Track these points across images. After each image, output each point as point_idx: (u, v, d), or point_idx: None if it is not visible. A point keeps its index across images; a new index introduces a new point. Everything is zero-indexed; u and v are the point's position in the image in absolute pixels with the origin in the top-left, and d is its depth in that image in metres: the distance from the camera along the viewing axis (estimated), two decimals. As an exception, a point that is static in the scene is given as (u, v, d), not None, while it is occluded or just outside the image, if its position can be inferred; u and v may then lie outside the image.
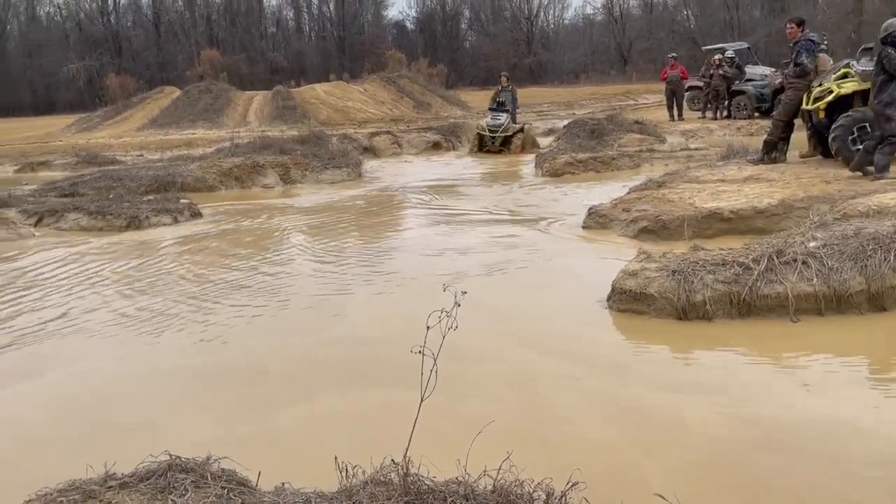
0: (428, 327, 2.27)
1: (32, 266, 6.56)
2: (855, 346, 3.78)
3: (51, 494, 2.28)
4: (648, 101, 26.37)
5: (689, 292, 4.25)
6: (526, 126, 16.20)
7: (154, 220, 8.45)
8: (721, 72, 16.57)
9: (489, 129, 15.04)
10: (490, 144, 14.93)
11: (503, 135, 14.83)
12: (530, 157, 13.43)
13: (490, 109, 15.72)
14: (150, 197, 9.76)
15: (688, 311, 4.24)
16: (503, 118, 14.97)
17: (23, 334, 4.59)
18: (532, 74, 52.11)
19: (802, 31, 8.19)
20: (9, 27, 53.76)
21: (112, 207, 8.75)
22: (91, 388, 3.75)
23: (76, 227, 8.38)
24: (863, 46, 8.30)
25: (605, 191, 8.76)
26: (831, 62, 9.36)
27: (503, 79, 16.22)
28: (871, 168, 6.85)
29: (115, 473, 2.37)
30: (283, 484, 2.33)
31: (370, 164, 14.17)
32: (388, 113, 28.85)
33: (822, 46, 8.95)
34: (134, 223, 8.31)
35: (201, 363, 4.01)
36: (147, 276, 6.02)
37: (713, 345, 3.89)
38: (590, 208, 7.08)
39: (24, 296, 5.50)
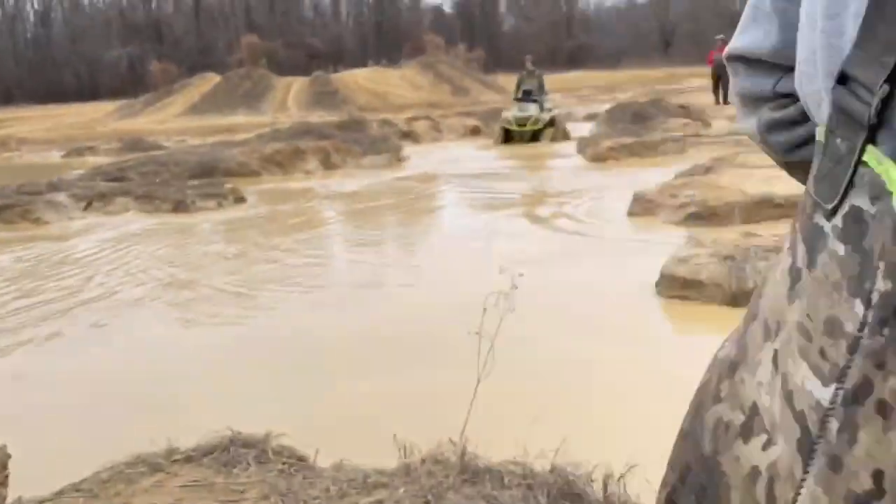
0: (485, 309, 2.28)
1: (84, 248, 6.73)
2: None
3: (118, 466, 2.34)
4: (693, 86, 25.88)
5: (741, 279, 4.18)
6: (557, 113, 14.90)
7: (200, 204, 8.59)
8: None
9: (516, 123, 13.73)
10: (518, 138, 13.72)
11: (532, 128, 13.64)
12: (565, 144, 13.15)
13: (515, 100, 14.47)
14: (195, 181, 9.92)
15: (739, 299, 4.17)
16: (531, 109, 13.75)
17: (75, 311, 4.71)
18: (572, 58, 51.55)
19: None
20: (53, 14, 54.95)
21: (158, 192, 8.93)
22: (149, 363, 3.85)
23: (124, 211, 8.56)
24: None
25: (651, 176, 8.65)
26: None
27: (528, 63, 14.79)
28: None
29: (178, 447, 2.43)
30: (341, 460, 2.36)
31: (410, 150, 14.19)
32: (427, 98, 28.81)
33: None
34: (180, 207, 8.46)
35: (255, 339, 4.10)
36: (195, 257, 6.15)
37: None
38: (635, 193, 6.99)
39: (77, 274, 5.65)
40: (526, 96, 14.03)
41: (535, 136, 13.65)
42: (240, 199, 9.04)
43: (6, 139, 20.61)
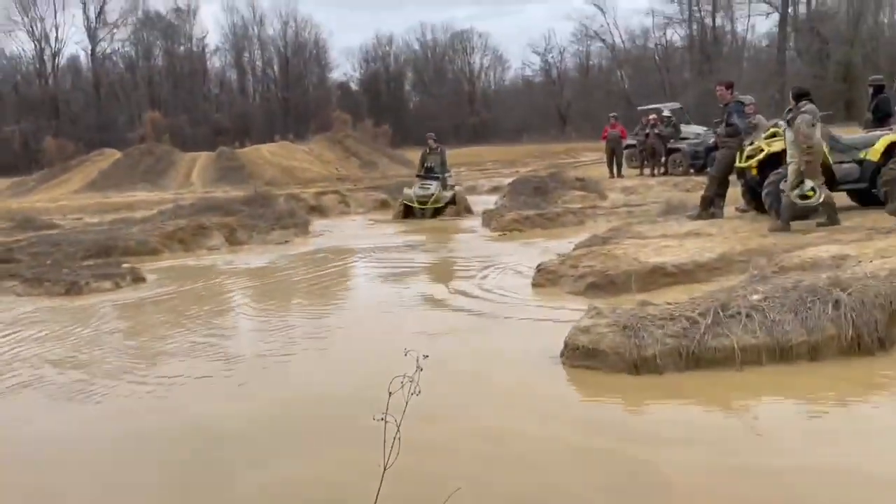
0: (390, 393, 2.25)
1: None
2: (800, 392, 3.90)
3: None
4: (588, 159, 27.19)
5: (640, 347, 4.33)
6: (458, 190, 15.16)
7: (94, 286, 8.18)
8: (657, 131, 17.26)
9: (418, 201, 13.93)
10: (419, 216, 13.87)
11: (433, 206, 13.87)
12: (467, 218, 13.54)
13: (417, 176, 14.71)
14: (91, 262, 9.49)
15: (639, 366, 4.31)
16: (433, 187, 13.95)
17: None
18: (476, 133, 53.25)
19: (732, 93, 8.67)
20: (-59, 89, 52.39)
21: (50, 273, 8.47)
22: (28, 458, 3.56)
23: (11, 294, 8.06)
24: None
25: (552, 247, 8.93)
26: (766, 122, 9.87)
27: (430, 140, 14.88)
28: None
29: None
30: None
31: (318, 224, 14.14)
32: (335, 172, 28.97)
33: (751, 106, 9.47)
34: (73, 289, 8.03)
35: (146, 428, 3.87)
36: (86, 341, 5.81)
37: (668, 397, 3.95)
38: (538, 265, 7.19)
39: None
40: (428, 173, 14.25)
41: (435, 214, 13.87)
42: (139, 279, 8.68)
43: None
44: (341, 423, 3.77)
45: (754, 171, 8.27)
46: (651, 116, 17.88)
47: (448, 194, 14.10)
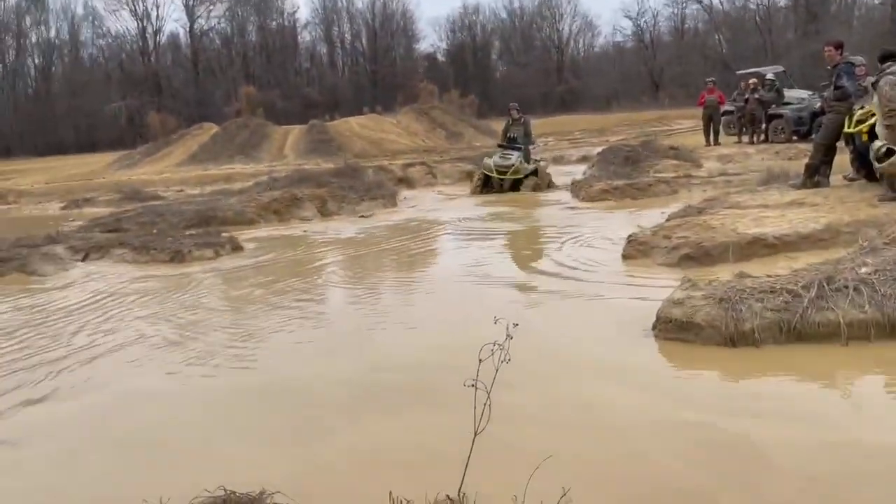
0: (480, 360, 2.26)
1: (79, 299, 6.71)
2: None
3: (109, 530, 2.31)
4: (683, 126, 26.21)
5: (738, 321, 4.17)
6: (542, 164, 14.28)
7: (196, 254, 8.60)
8: (757, 95, 16.44)
9: (497, 170, 13.19)
10: (497, 187, 13.22)
11: (513, 177, 13.09)
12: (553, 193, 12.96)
13: (499, 146, 13.97)
14: (193, 231, 9.94)
15: (736, 340, 4.16)
16: (514, 157, 13.14)
17: (65, 362, 4.67)
18: (563, 102, 52.29)
19: (841, 53, 8.12)
20: (53, 69, 55.72)
21: (155, 242, 8.94)
22: (137, 415, 3.80)
23: (121, 262, 8.57)
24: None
25: (644, 218, 8.70)
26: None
27: (513, 111, 14.12)
28: None
29: (170, 508, 2.40)
30: (338, 519, 2.33)
31: (406, 195, 14.29)
32: (422, 144, 29.13)
33: (860, 71, 8.85)
34: (177, 257, 8.47)
35: (247, 390, 4.06)
36: (190, 306, 6.13)
37: (765, 371, 3.81)
38: (629, 236, 7.02)
39: (68, 325, 5.62)
40: (511, 143, 13.56)
41: (515, 186, 13.13)
42: (237, 248, 9.06)
43: (5, 192, 20.73)
44: (432, 388, 3.83)
45: (864, 137, 7.74)
46: (751, 81, 17.02)
47: (530, 167, 13.39)
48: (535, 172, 13.37)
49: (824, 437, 2.97)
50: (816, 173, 8.12)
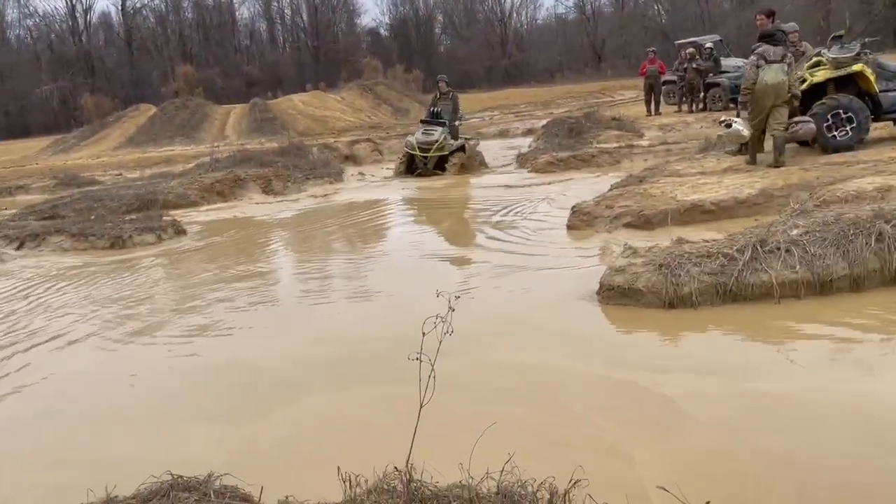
0: (424, 333, 2.28)
1: (15, 289, 6.50)
2: (836, 322, 3.85)
3: (53, 521, 2.27)
4: (624, 97, 26.55)
5: (677, 285, 4.30)
6: (471, 142, 13.08)
7: (137, 240, 8.39)
8: (694, 65, 16.73)
9: (419, 147, 12.09)
10: (421, 166, 12.12)
11: (437, 154, 12.01)
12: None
13: (421, 122, 12.86)
14: (133, 216, 9.69)
15: (675, 304, 4.29)
16: (437, 133, 12.03)
17: (8, 351, 4.54)
18: (508, 76, 52.36)
19: (773, 22, 8.31)
20: (-22, 51, 53.20)
21: (94, 228, 8.69)
22: (81, 400, 3.73)
23: (59, 250, 8.31)
24: (832, 34, 8.43)
25: (587, 188, 8.83)
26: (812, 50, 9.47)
27: (441, 84, 13.06)
28: None
29: (116, 496, 2.37)
30: (287, 497, 2.34)
31: (351, 172, 14.17)
32: (367, 120, 28.85)
33: (793, 38, 9.07)
34: (118, 243, 8.25)
35: (189, 368, 4.03)
36: (132, 292, 5.99)
37: (701, 329, 3.95)
38: (573, 207, 7.12)
39: (7, 314, 5.45)
40: (434, 119, 12.52)
41: (440, 164, 12.14)
42: (180, 232, 8.86)
43: (-70, 182, 19.79)
44: (376, 362, 3.85)
45: (796, 103, 7.99)
46: (689, 50, 17.31)
47: (456, 143, 12.33)
48: (462, 149, 12.39)
49: (739, 387, 3.14)
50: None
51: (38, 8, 54.58)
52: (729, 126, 8.05)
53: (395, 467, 2.27)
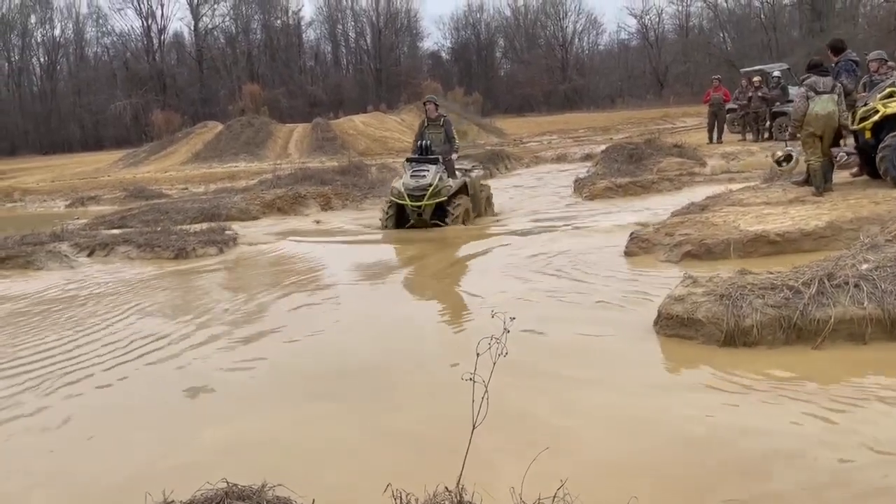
0: (478, 354, 2.28)
1: (82, 296, 6.75)
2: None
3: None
4: (686, 124, 26.16)
5: (738, 317, 4.18)
6: (472, 174, 10.24)
7: (200, 252, 8.64)
8: (760, 93, 16.41)
9: (409, 196, 9.18)
10: (414, 218, 9.25)
11: (433, 201, 9.15)
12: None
13: (408, 160, 9.83)
14: (197, 228, 9.99)
15: (736, 337, 4.18)
16: (430, 174, 9.19)
17: (69, 361, 4.71)
18: (568, 100, 52.24)
19: (836, 54, 8.19)
20: (59, 67, 55.85)
21: (160, 240, 8.99)
22: (139, 406, 3.84)
23: (125, 259, 8.61)
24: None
25: (646, 216, 8.70)
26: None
27: (429, 105, 10.09)
28: None
29: (173, 501, 2.42)
30: (338, 512, 2.35)
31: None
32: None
33: (872, 66, 8.82)
34: (181, 254, 8.51)
35: (253, 379, 4.12)
36: (193, 301, 6.16)
37: (762, 370, 3.82)
38: (632, 234, 7.03)
39: (75, 323, 5.66)
40: (424, 154, 9.60)
41: (437, 213, 9.29)
42: (240, 245, 9.10)
43: (10, 190, 20.81)
44: (431, 380, 3.86)
45: (868, 135, 7.75)
46: (755, 78, 16.99)
47: (453, 182, 9.44)
48: (464, 189, 9.70)
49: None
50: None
51: (115, 27, 56.88)
52: (789, 159, 8.15)
53: (446, 487, 2.26)
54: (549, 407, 3.46)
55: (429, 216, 9.21)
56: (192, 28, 56.09)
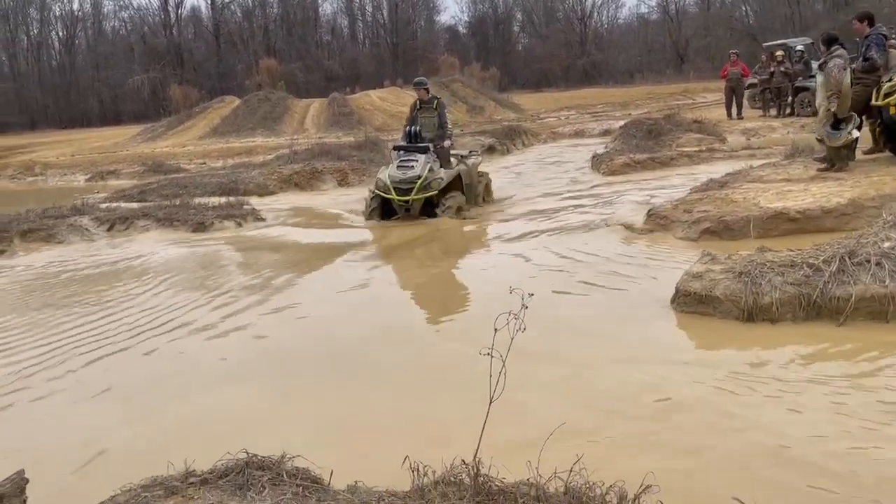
0: (496, 329, 2.29)
1: (104, 268, 6.83)
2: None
3: (135, 490, 2.38)
4: (707, 100, 25.80)
5: (757, 294, 4.16)
6: (469, 161, 9.28)
7: (219, 225, 8.70)
8: (783, 68, 16.12)
9: (395, 188, 8.28)
10: (402, 213, 8.40)
11: (423, 195, 8.26)
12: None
13: (395, 149, 8.98)
14: (216, 202, 10.04)
15: (755, 314, 4.15)
16: (419, 165, 8.31)
17: (95, 333, 4.78)
18: (586, 75, 51.63)
19: (870, 25, 7.94)
20: (77, 41, 55.98)
21: (179, 214, 9.06)
22: (162, 377, 3.90)
23: (145, 232, 8.68)
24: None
25: (665, 192, 8.63)
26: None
27: (421, 90, 9.08)
28: None
29: (194, 470, 2.46)
30: (356, 483, 2.38)
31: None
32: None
33: (893, 40, 8.63)
34: (200, 228, 8.57)
35: (270, 350, 4.20)
36: (213, 274, 6.23)
37: (779, 346, 3.80)
38: (649, 210, 6.98)
39: (104, 293, 5.74)
40: (413, 142, 8.69)
41: (427, 208, 8.41)
42: (259, 219, 9.15)
43: (31, 164, 21.01)
44: (449, 357, 3.88)
45: (893, 110, 7.60)
46: (778, 53, 16.68)
47: (448, 173, 8.59)
48: (458, 181, 8.82)
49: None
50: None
51: (132, 1, 56.78)
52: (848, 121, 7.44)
53: (463, 460, 2.28)
54: (563, 382, 3.47)
55: (417, 211, 8.34)
56: (209, 2, 55.92)
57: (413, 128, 8.75)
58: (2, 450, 3.21)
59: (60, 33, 55.86)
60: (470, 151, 10.03)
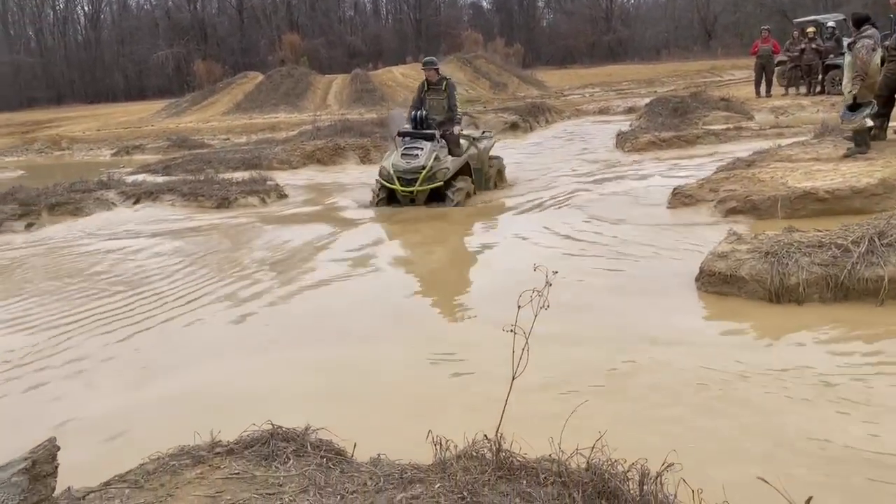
0: (519, 307, 2.28)
1: (131, 245, 6.93)
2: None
3: (163, 458, 2.42)
4: (735, 77, 25.34)
5: (783, 275, 4.11)
6: (481, 144, 8.76)
7: (242, 201, 8.76)
8: (814, 45, 15.77)
9: (399, 178, 7.83)
10: (406, 202, 7.92)
11: (426, 187, 7.78)
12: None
13: (399, 135, 8.21)
14: (239, 178, 10.11)
15: (781, 295, 4.11)
16: (424, 153, 7.77)
17: (118, 304, 4.86)
18: (612, 52, 50.92)
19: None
20: (102, 16, 56.28)
21: (203, 189, 9.13)
22: (187, 352, 3.96)
23: (170, 207, 8.77)
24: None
25: (690, 171, 8.53)
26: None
27: (430, 71, 8.44)
28: None
29: (220, 440, 2.51)
30: (379, 455, 2.41)
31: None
32: (465, 94, 28.75)
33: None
34: (224, 203, 8.64)
35: (291, 325, 4.23)
36: (237, 249, 6.28)
37: (806, 328, 3.76)
38: (675, 189, 6.91)
39: (127, 264, 5.83)
40: (418, 127, 8.12)
41: (433, 198, 7.91)
42: (282, 196, 9.20)
43: (58, 138, 21.24)
44: (472, 333, 3.90)
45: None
46: (809, 29, 16.31)
47: (455, 161, 8.04)
48: (466, 169, 8.30)
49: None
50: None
51: (157, -24, 56.84)
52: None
53: (485, 435, 2.29)
54: (587, 360, 3.47)
55: (422, 202, 7.88)
56: (233, -24, 55.82)
57: (419, 112, 8.20)
58: (33, 417, 3.29)
59: (86, 8, 56.21)
60: (483, 132, 9.62)
